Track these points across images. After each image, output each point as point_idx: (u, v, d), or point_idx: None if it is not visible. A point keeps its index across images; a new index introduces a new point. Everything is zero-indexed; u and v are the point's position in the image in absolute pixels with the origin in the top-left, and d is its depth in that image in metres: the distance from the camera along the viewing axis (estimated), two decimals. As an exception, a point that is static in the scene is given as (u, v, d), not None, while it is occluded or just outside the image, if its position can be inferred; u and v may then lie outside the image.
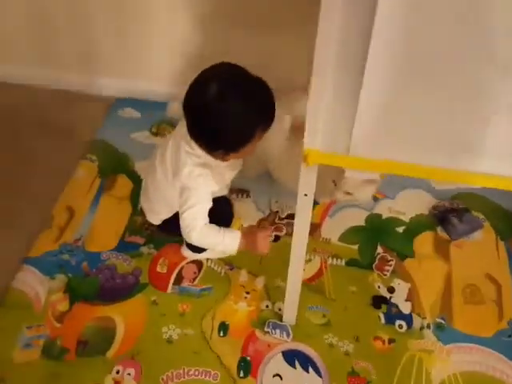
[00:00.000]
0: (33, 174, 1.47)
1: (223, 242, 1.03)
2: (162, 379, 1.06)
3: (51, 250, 1.29)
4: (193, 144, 0.98)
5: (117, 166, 1.49)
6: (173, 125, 1.59)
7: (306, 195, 0.94)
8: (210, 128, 0.94)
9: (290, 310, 1.14)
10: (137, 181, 1.43)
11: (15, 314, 1.16)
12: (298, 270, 1.06)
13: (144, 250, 1.29)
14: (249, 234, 1.07)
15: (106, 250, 1.29)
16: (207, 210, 1.01)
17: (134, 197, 1.38)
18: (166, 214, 1.17)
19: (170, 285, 1.23)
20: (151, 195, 1.18)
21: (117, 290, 1.21)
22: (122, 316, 1.16)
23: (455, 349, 1.11)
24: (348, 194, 1.26)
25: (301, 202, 0.95)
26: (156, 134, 1.59)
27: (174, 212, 1.10)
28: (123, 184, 1.45)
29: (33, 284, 1.22)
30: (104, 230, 1.34)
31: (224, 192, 1.18)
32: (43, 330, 1.13)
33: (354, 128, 0.79)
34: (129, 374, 1.07)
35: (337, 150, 0.84)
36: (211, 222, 1.05)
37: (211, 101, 0.91)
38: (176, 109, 1.62)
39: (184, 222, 1.01)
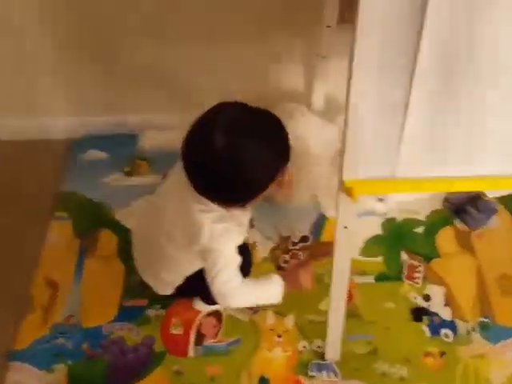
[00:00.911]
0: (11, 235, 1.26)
1: (267, 295, 0.90)
2: None
3: (41, 337, 1.09)
4: (204, 200, 0.84)
5: (95, 220, 1.30)
6: (147, 159, 1.43)
7: (345, 227, 0.84)
8: (226, 185, 0.79)
9: (333, 346, 1.03)
10: (121, 232, 1.25)
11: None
12: (340, 307, 0.95)
13: (150, 312, 1.12)
14: (289, 275, 0.95)
15: (106, 322, 1.11)
16: (238, 268, 0.87)
17: (123, 252, 1.20)
18: (182, 281, 1.01)
19: (191, 347, 1.08)
20: (155, 264, 1.00)
21: (130, 368, 1.04)
22: (145, 399, 1.00)
23: (507, 346, 1.06)
24: (380, 200, 1.17)
25: (340, 236, 0.85)
26: (130, 174, 1.40)
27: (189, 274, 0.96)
28: (107, 240, 1.26)
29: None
30: (98, 300, 1.15)
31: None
32: None
33: (401, 146, 0.70)
34: None
35: (382, 176, 0.74)
36: None
37: (222, 154, 0.77)
38: (151, 139, 1.46)
39: (216, 288, 0.86)
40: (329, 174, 1.29)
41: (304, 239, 1.27)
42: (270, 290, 0.91)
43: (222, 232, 0.83)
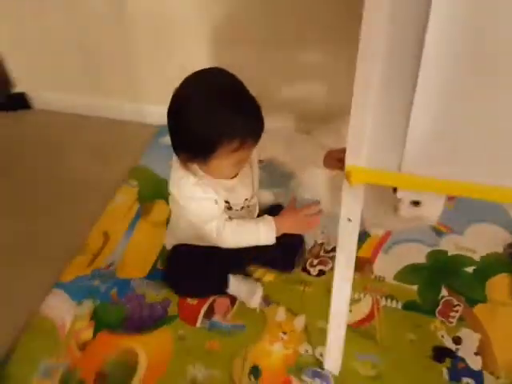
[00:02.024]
0: (73, 198, 1.46)
1: (256, 237, 0.93)
2: (182, 426, 0.94)
3: (83, 275, 1.23)
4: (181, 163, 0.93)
5: (156, 192, 1.44)
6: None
7: (349, 220, 0.81)
8: (171, 130, 0.88)
9: (332, 356, 0.98)
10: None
11: (39, 339, 1.10)
12: (341, 309, 0.91)
13: (176, 279, 1.20)
14: (287, 215, 0.95)
15: (137, 277, 1.22)
16: (221, 210, 0.94)
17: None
18: (174, 241, 1.12)
19: (200, 318, 1.11)
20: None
21: (143, 321, 1.12)
22: (146, 349, 1.05)
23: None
24: (415, 204, 1.07)
25: (344, 229, 0.82)
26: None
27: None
28: (160, 209, 1.38)
29: (60, 308, 1.15)
30: (137, 257, 1.27)
31: (247, 214, 1.06)
32: (64, 359, 1.05)
33: (407, 140, 0.67)
34: (146, 416, 0.95)
35: (385, 167, 0.71)
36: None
37: (183, 99, 0.86)
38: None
39: (207, 236, 0.93)
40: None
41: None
42: (259, 233, 0.92)
43: (193, 193, 0.91)
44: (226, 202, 0.97)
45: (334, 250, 1.23)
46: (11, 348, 1.07)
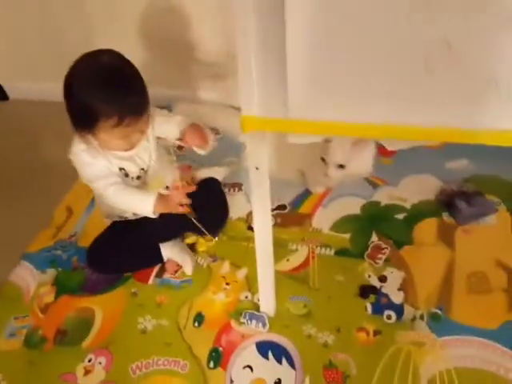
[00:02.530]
0: (49, 177, 1.56)
1: (138, 208, 1.04)
2: (131, 368, 1.03)
3: (47, 247, 1.33)
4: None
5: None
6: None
7: (257, 168, 0.89)
8: (66, 100, 0.96)
9: (265, 299, 1.07)
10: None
11: (7, 305, 1.20)
12: (265, 255, 0.99)
13: (132, 244, 1.30)
14: (162, 198, 1.03)
15: (97, 245, 1.32)
16: (113, 174, 1.04)
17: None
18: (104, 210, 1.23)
19: (152, 277, 1.21)
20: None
21: (101, 283, 1.22)
22: (102, 307, 1.16)
23: (452, 342, 0.97)
24: (340, 167, 1.15)
25: (254, 177, 0.90)
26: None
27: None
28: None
29: (26, 277, 1.26)
30: (96, 227, 1.36)
31: (141, 185, 1.14)
32: (28, 320, 1.16)
33: (288, 89, 0.74)
34: (100, 363, 1.05)
35: (275, 115, 0.79)
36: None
37: (69, 76, 0.94)
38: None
39: (95, 191, 1.09)
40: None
41: (281, 207, 1.32)
42: (140, 205, 1.03)
43: (82, 158, 1.02)
44: (122, 169, 1.06)
45: (278, 208, 1.32)
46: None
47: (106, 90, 0.91)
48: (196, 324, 1.09)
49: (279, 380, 0.96)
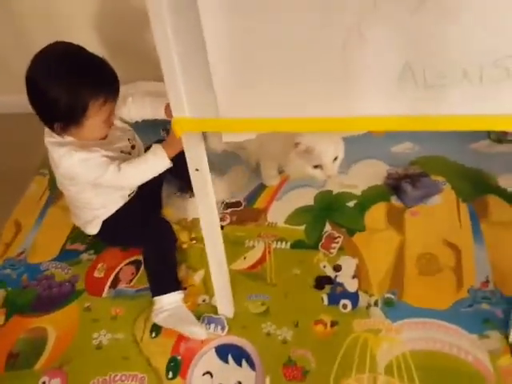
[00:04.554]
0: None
1: (153, 166, 1.02)
2: (88, 387, 1.00)
3: (-5, 267, 1.27)
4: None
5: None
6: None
7: (197, 170, 0.87)
8: (41, 101, 0.95)
9: (222, 301, 1.06)
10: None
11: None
12: (216, 256, 0.98)
13: (84, 256, 1.25)
14: (165, 141, 1.03)
15: (47, 260, 1.26)
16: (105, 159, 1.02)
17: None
18: (88, 216, 1.17)
19: (106, 289, 1.17)
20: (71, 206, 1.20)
21: (53, 300, 1.17)
22: (54, 326, 1.11)
23: (405, 325, 0.99)
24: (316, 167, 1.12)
25: (195, 179, 0.88)
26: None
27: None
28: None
29: (-26, 301, 1.20)
30: (46, 241, 1.31)
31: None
32: (-23, 346, 1.11)
33: (214, 89, 0.72)
34: (54, 385, 1.02)
35: (207, 115, 0.77)
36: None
37: (39, 76, 0.93)
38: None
39: (109, 178, 1.02)
40: (269, 145, 1.30)
41: (236, 204, 1.30)
42: (156, 161, 1.02)
43: (79, 157, 1.00)
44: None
45: (233, 205, 1.30)
46: None
47: (86, 74, 0.93)
48: (153, 334, 1.07)
49: (239, 383, 0.95)
